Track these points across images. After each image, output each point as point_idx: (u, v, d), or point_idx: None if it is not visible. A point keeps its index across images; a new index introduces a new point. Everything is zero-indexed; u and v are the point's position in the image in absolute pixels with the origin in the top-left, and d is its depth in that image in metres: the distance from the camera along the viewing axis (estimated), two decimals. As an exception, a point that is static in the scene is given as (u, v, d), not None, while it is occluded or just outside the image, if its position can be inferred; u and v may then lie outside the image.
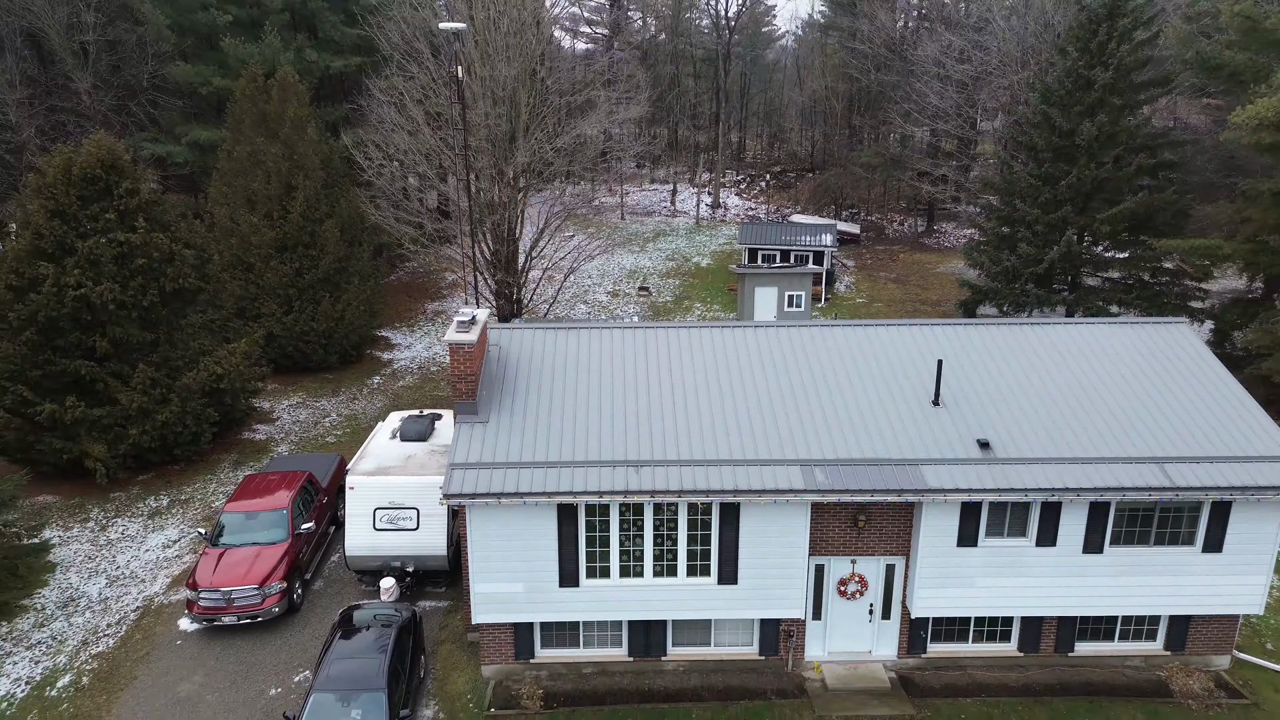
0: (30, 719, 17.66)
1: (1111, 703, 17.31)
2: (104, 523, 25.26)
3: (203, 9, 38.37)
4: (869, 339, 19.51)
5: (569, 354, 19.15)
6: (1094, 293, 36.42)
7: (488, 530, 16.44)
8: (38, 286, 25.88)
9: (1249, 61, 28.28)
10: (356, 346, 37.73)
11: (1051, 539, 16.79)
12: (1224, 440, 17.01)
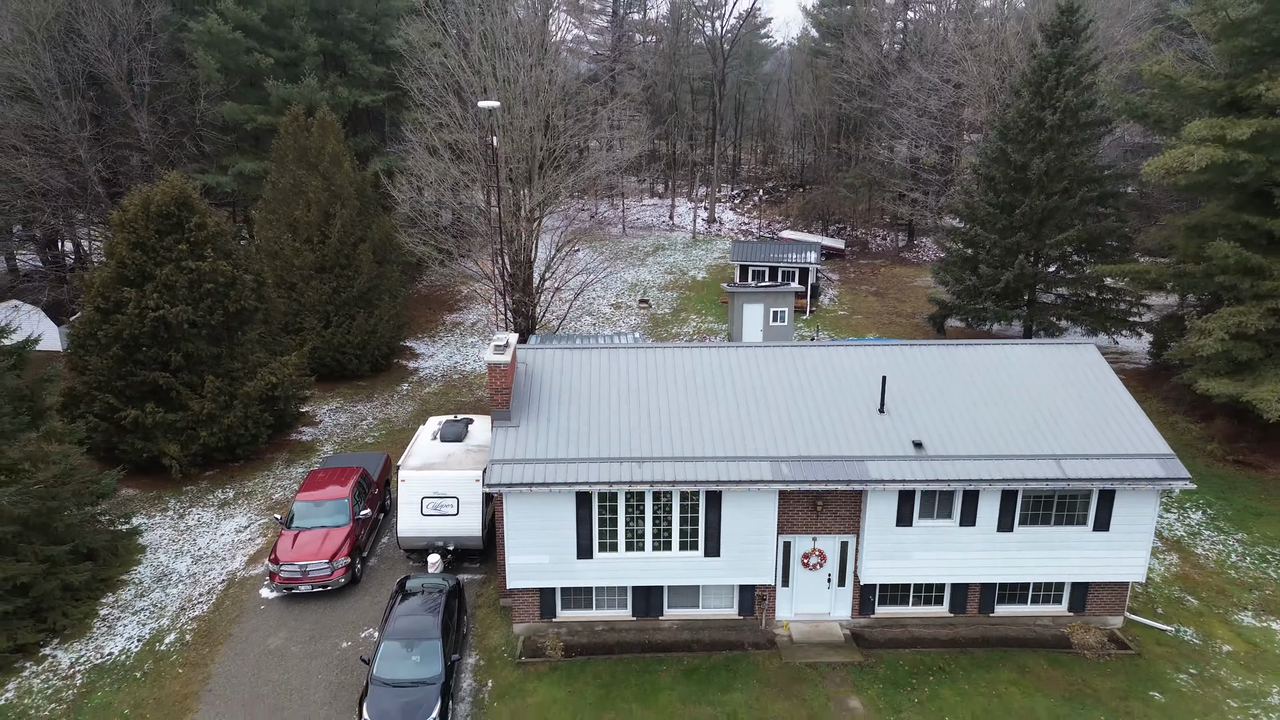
0: (146, 667, 21.67)
1: (1022, 652, 21.32)
2: (181, 512, 29.24)
3: (248, 53, 42.36)
4: (828, 358, 23.51)
5: (583, 370, 23.14)
6: (1047, 309, 40.42)
7: (520, 513, 20.44)
8: (122, 309, 29.90)
9: (1171, 110, 32.28)
10: (386, 356, 41.73)
11: (972, 520, 20.80)
12: (1110, 441, 21.02)
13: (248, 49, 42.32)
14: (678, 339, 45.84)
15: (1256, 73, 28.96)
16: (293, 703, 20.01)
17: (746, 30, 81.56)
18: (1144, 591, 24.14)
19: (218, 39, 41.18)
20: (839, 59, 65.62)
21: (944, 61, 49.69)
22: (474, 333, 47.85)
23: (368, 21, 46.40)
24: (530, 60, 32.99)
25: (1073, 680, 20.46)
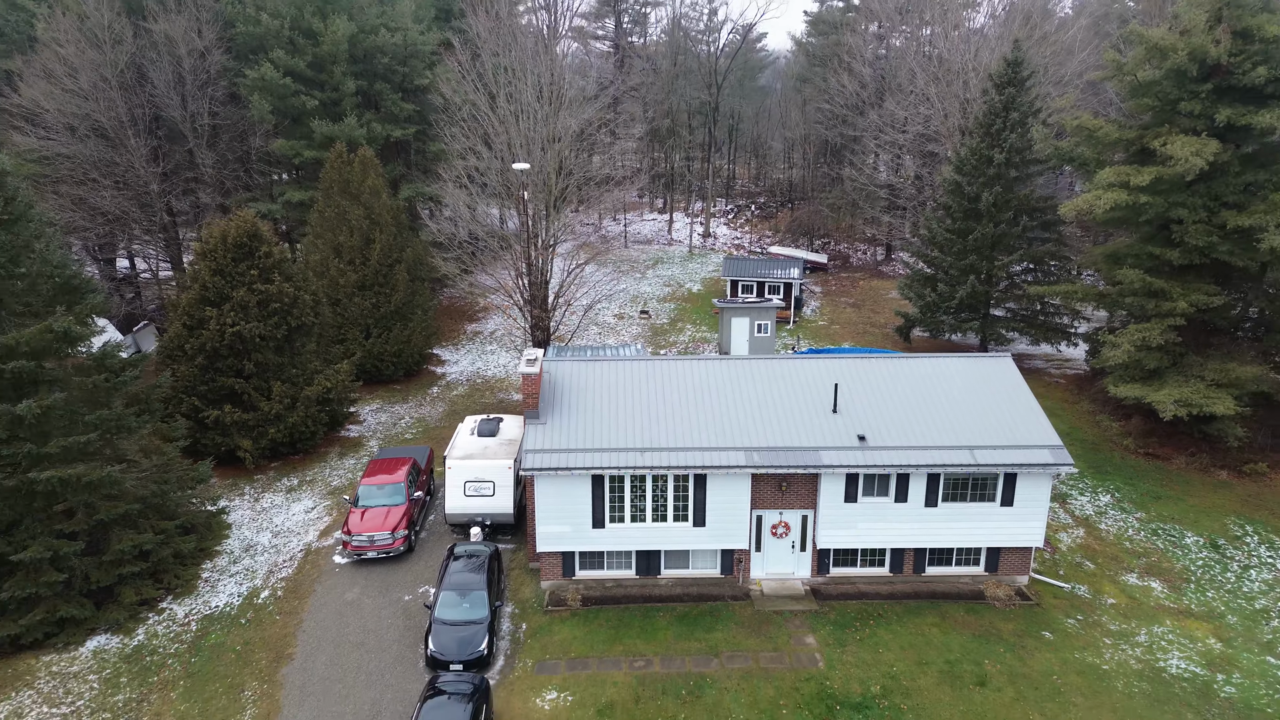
0: (248, 615, 26.96)
1: (946, 603, 26.60)
2: (256, 496, 34.52)
3: (295, 95, 47.62)
4: (793, 368, 28.80)
5: (596, 378, 28.41)
6: (998, 321, 45.72)
7: (548, 492, 25.73)
8: (204, 325, 35.20)
9: (1094, 154, 37.54)
10: (418, 363, 46.99)
11: (905, 497, 26.07)
12: (1014, 434, 26.30)
13: (295, 92, 47.57)
14: (674, 347, 51.11)
15: (1159, 127, 34.27)
16: (371, 640, 25.32)
17: (743, 46, 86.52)
18: (1051, 557, 29.45)
19: (270, 84, 46.46)
20: (824, 87, 70.90)
21: (914, 98, 54.93)
22: (493, 341, 53.09)
23: (398, 64, 51.64)
24: (547, 111, 38.28)
25: (982, 623, 25.77)
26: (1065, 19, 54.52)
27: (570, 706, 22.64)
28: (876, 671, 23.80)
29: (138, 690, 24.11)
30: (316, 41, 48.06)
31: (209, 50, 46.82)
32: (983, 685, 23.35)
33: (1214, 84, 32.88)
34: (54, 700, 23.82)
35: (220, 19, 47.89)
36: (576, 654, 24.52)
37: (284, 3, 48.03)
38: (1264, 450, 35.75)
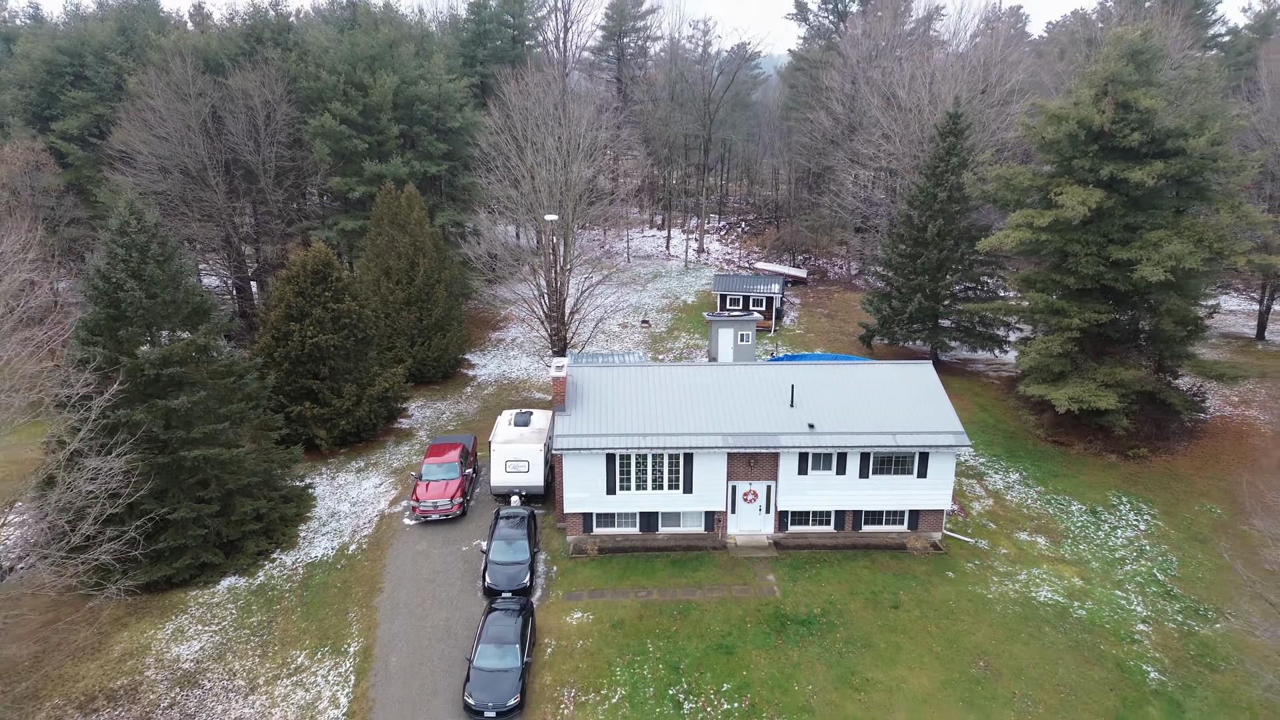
0: (342, 562, 34.76)
1: (875, 552, 34.39)
2: (332, 475, 42.30)
3: (348, 139, 55.42)
4: (760, 373, 36.62)
5: (608, 380, 36.20)
6: (944, 331, 53.48)
7: (573, 467, 33.53)
8: (289, 338, 42.99)
9: (1012, 198, 45.32)
10: (453, 367, 54.77)
11: (843, 471, 33.87)
12: (928, 424, 34.08)
13: (348, 136, 55.35)
14: (671, 353, 58.88)
15: (1060, 178, 42.09)
16: (440, 578, 33.17)
17: (734, 80, 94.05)
18: (964, 519, 37.27)
19: (328, 131, 54.28)
20: (803, 118, 78.67)
21: (878, 136, 62.67)
22: (514, 347, 60.86)
23: (433, 109, 59.39)
24: (565, 160, 46.14)
25: (902, 566, 33.61)
26: (1012, 62, 62.18)
27: (591, 622, 30.48)
28: (819, 599, 31.64)
29: (266, 615, 31.94)
30: (366, 93, 55.86)
31: (277, 102, 54.64)
32: (896, 609, 31.19)
33: (1100, 145, 40.72)
34: (205, 621, 31.66)
35: (286, 75, 55.70)
36: (595, 587, 32.37)
37: (339, 61, 55.85)
38: (1147, 438, 43.54)
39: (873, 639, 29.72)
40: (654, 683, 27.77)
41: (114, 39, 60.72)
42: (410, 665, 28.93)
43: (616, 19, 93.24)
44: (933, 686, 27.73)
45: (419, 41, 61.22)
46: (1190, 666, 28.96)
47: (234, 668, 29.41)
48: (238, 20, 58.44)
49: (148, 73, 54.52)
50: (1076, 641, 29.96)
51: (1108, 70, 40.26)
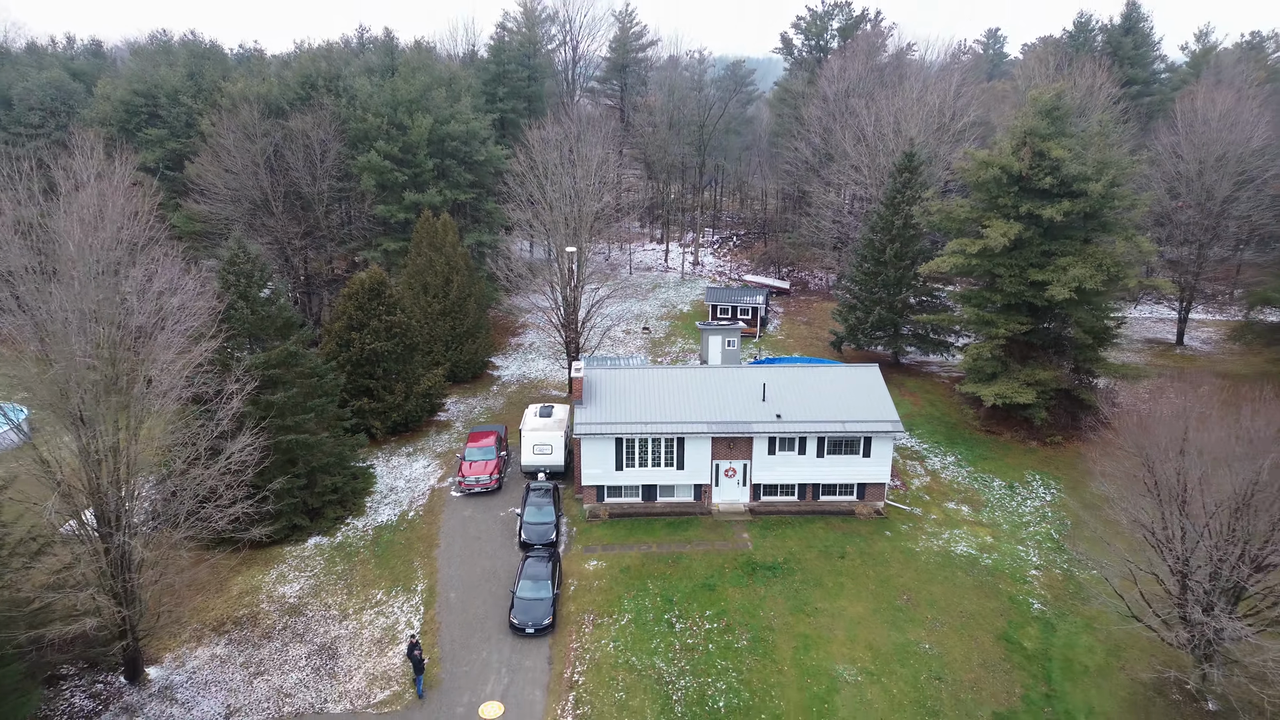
0: (403, 525, 42.99)
1: (829, 516, 42.62)
2: (387, 458, 50.48)
3: (390, 172, 63.61)
4: (739, 374, 44.85)
5: (616, 379, 44.42)
6: (901, 338, 61.65)
7: (589, 448, 41.80)
8: (351, 345, 51.17)
9: (953, 227, 53.51)
10: (480, 368, 62.92)
11: (804, 451, 42.10)
12: (871, 414, 42.29)
13: (390, 170, 63.58)
14: (668, 356, 67.05)
15: (989, 213, 50.31)
16: (484, 535, 41.43)
17: (733, 90, 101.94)
18: (904, 492, 45.47)
19: (374, 165, 62.52)
20: (789, 146, 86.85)
21: (849, 166, 70.86)
22: (532, 351, 69.00)
23: (462, 144, 67.57)
24: (579, 194, 54.39)
25: (849, 527, 41.85)
26: (963, 106, 70.45)
27: (604, 568, 38.72)
28: (782, 551, 39.88)
29: (347, 565, 40.17)
30: (405, 133, 64.08)
31: (330, 141, 62.90)
32: (843, 558, 39.43)
33: (1020, 186, 48.95)
34: (300, 569, 39.88)
35: (337, 118, 63.94)
36: (607, 542, 40.63)
37: (382, 105, 64.10)
38: (1063, 427, 51.73)
39: (822, 580, 37.97)
40: (653, 610, 36.03)
41: (184, 83, 68.98)
42: (465, 599, 37.19)
43: (620, 51, 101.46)
44: (865, 613, 35.98)
45: (448, 84, 69.41)
46: (1066, 600, 37.20)
47: (328, 602, 37.65)
48: (294, 66, 66.58)
49: (219, 115, 62.77)
50: (980, 582, 38.23)
51: (1026, 125, 48.54)
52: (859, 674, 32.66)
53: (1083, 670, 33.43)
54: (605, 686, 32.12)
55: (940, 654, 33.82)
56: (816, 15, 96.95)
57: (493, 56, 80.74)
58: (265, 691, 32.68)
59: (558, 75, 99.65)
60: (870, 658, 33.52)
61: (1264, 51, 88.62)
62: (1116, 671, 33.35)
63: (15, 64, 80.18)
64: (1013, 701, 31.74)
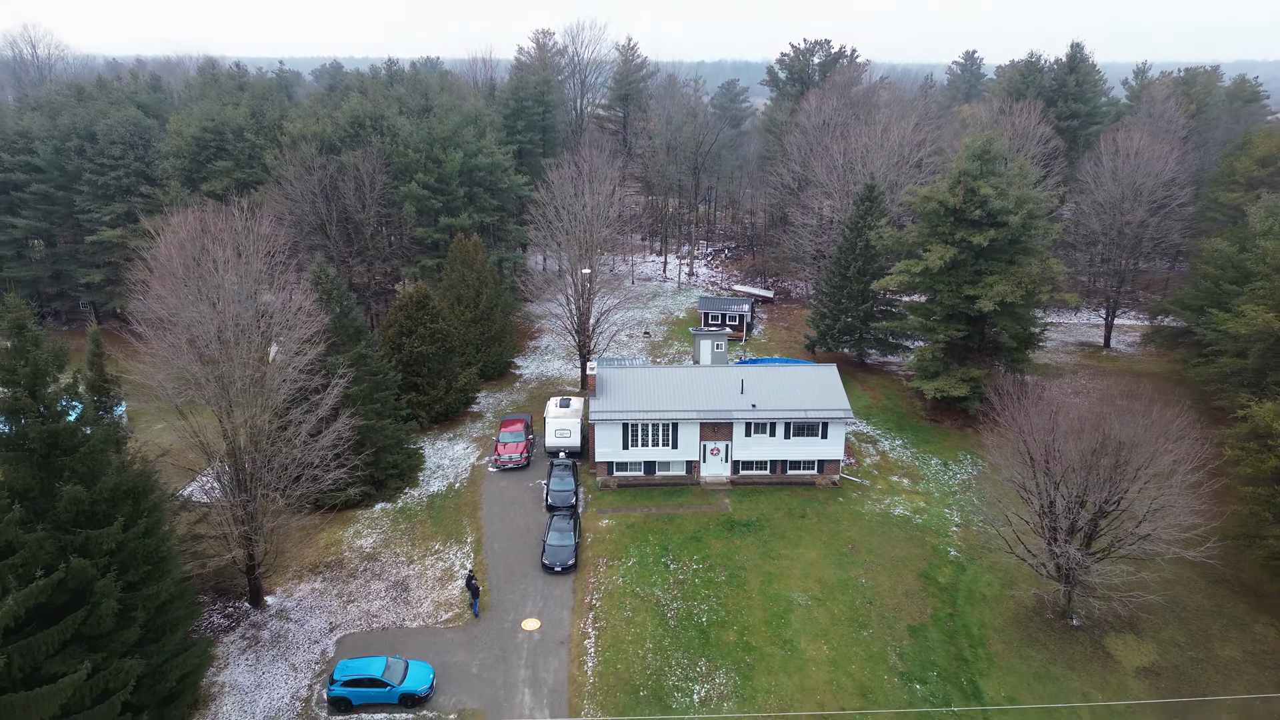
0: (451, 493, 52.62)
1: (795, 486, 52.25)
2: (432, 442, 60.06)
3: (428, 199, 73.20)
4: (722, 372, 54.50)
5: (624, 377, 54.03)
6: (865, 341, 71.25)
7: (601, 432, 51.45)
8: (402, 348, 60.80)
9: (903, 249, 63.09)
10: (504, 368, 72.49)
11: (774, 434, 51.75)
12: (827, 404, 51.91)
13: (428, 198, 73.19)
14: (665, 357, 76.60)
15: (931, 238, 59.87)
16: (517, 501, 51.08)
17: (728, 100, 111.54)
18: (858, 468, 55.06)
19: (414, 194, 72.13)
20: (773, 171, 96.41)
21: (821, 193, 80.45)
22: (548, 353, 78.56)
23: (488, 174, 77.16)
24: (590, 223, 64.03)
25: (810, 494, 51.49)
26: (918, 142, 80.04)
27: (614, 525, 48.34)
28: (755, 512, 49.50)
29: (409, 524, 49.76)
30: (440, 165, 73.71)
31: (376, 173, 72.54)
32: (803, 518, 49.05)
33: (955, 217, 58.56)
34: (371, 527, 49.48)
35: (382, 153, 73.57)
36: (615, 506, 50.27)
37: (420, 141, 73.73)
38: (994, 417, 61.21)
39: (786, 534, 47.61)
40: (652, 556, 45.66)
41: (247, 121, 78.60)
42: (505, 548, 46.82)
43: (622, 82, 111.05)
44: (818, 557, 45.61)
45: (475, 122, 79.01)
46: (977, 550, 46.80)
47: (396, 551, 47.28)
48: (344, 109, 76.20)
49: (281, 151, 72.40)
50: (911, 536, 47.88)
51: (960, 167, 58.18)
52: (809, 599, 42.30)
53: (981, 598, 43.07)
54: (616, 608, 41.76)
55: (873, 586, 43.47)
56: (800, 51, 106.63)
57: (512, 94, 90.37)
58: (357, 614, 42.31)
59: (567, 104, 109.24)
60: (819, 588, 43.17)
61: (1193, 85, 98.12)
62: (1007, 599, 42.99)
63: (88, 99, 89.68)
64: (924, 618, 41.38)
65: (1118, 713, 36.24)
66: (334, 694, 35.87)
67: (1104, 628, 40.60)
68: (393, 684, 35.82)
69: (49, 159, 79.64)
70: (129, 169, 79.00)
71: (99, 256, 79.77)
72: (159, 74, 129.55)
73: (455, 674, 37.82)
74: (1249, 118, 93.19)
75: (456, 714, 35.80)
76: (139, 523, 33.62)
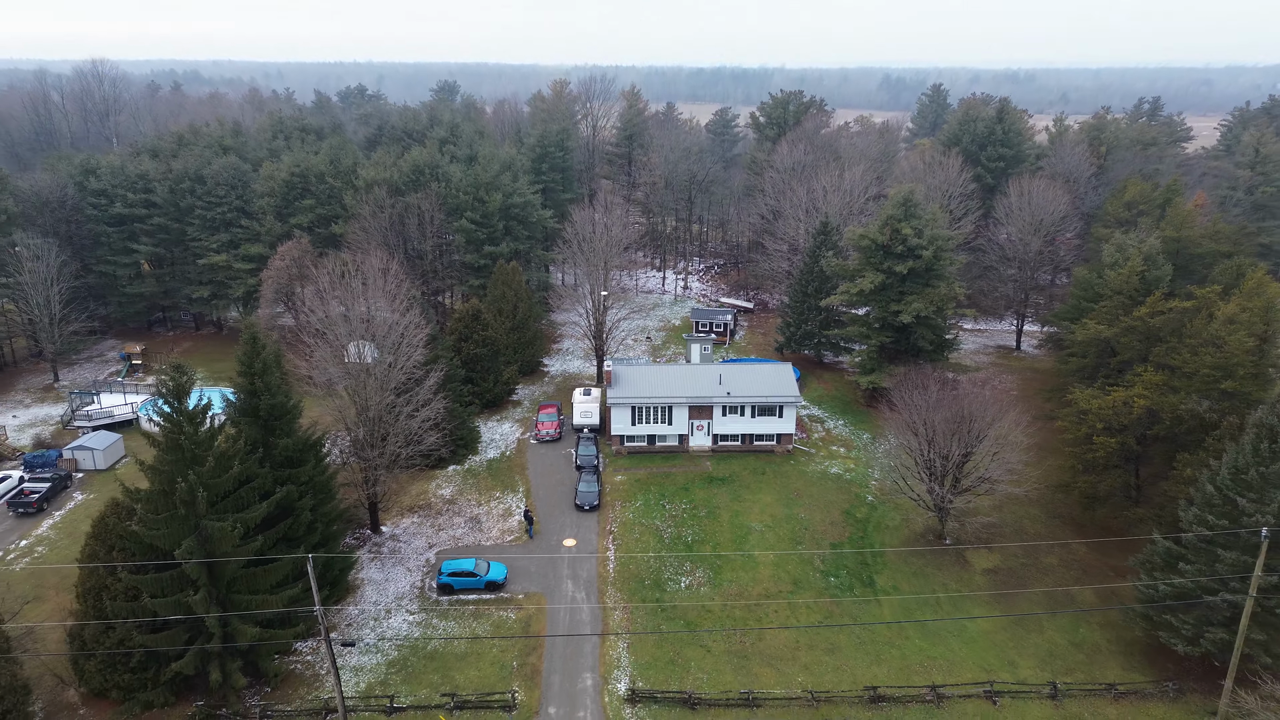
0: (502, 460, 69.26)
1: (758, 453, 68.88)
2: (485, 422, 76.61)
3: (475, 232, 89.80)
4: (708, 369, 71.12)
5: (632, 372, 70.64)
6: (822, 345, 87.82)
7: (615, 412, 68.12)
8: (461, 351, 77.39)
9: (846, 274, 79.56)
10: (536, 366, 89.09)
11: (743, 414, 68.41)
12: (782, 392, 68.52)
13: (475, 230, 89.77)
14: (664, 357, 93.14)
15: (865, 267, 76.43)
16: (554, 463, 67.78)
17: (721, 126, 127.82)
18: (807, 439, 71.64)
19: (464, 229, 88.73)
20: (753, 204, 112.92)
21: (790, 224, 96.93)
22: (569, 354, 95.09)
23: (521, 210, 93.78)
24: (606, 251, 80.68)
25: (770, 459, 68.13)
26: (865, 186, 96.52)
27: (625, 479, 65.01)
28: (728, 470, 66.15)
29: (475, 479, 66.42)
30: (485, 205, 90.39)
31: (434, 212, 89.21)
32: (763, 474, 65.69)
33: (883, 251, 75.12)
34: (446, 482, 66.12)
35: (439, 195, 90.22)
36: (626, 467, 66.94)
37: (468, 186, 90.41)
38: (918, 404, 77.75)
39: (750, 485, 64.23)
40: (654, 500, 62.27)
41: (327, 167, 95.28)
42: (548, 495, 63.44)
43: (628, 125, 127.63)
44: (772, 501, 62.22)
45: (509, 167, 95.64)
46: (887, 496, 63.27)
47: (468, 497, 63.89)
48: (408, 161, 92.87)
49: (356, 193, 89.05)
50: (840, 487, 64.49)
51: (888, 212, 74.78)
52: (763, 527, 58.92)
53: (885, 527, 59.70)
54: (628, 532, 58.37)
55: (808, 519, 60.08)
56: (777, 101, 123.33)
57: (538, 141, 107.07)
58: (446, 537, 58.94)
59: (582, 143, 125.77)
60: (770, 520, 59.79)
61: (1103, 130, 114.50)
62: (904, 528, 59.59)
63: (187, 145, 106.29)
64: (842, 539, 57.99)
65: (967, 597, 52.82)
66: (442, 581, 52.46)
67: (966, 544, 57.21)
68: (481, 575, 52.42)
69: (165, 197, 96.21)
70: (231, 205, 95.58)
71: (205, 275, 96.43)
72: (220, 92, 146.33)
73: (520, 572, 54.43)
74: (1152, 159, 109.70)
75: (524, 594, 52.42)
76: (318, 465, 50.40)
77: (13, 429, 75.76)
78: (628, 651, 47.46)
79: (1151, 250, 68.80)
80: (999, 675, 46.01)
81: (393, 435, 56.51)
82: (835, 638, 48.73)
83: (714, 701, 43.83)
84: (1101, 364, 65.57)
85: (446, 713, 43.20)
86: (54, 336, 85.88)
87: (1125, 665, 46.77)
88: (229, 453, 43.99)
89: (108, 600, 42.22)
